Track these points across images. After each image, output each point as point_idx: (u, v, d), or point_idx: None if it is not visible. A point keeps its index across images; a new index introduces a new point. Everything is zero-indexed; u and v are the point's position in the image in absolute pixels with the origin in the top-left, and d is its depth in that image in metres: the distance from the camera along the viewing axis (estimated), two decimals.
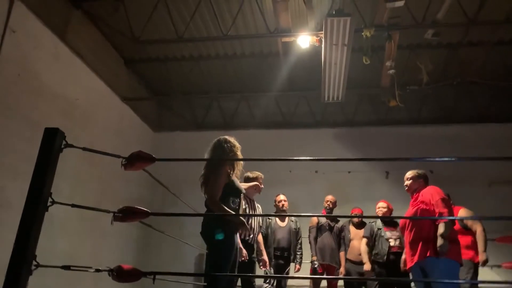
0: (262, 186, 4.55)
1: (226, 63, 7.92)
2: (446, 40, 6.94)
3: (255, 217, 4.50)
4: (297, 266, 5.17)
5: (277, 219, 5.15)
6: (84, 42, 6.38)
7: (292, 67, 7.48)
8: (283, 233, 5.11)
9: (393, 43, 5.82)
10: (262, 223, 4.99)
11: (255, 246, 4.54)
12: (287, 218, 5.25)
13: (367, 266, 5.05)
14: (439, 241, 3.47)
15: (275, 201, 5.26)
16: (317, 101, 7.64)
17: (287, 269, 5.08)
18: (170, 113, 9.01)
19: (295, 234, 5.25)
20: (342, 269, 5.22)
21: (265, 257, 4.74)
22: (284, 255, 5.04)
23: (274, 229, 5.10)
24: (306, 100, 8.57)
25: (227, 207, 3.25)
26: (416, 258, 3.63)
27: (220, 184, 3.26)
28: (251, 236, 4.37)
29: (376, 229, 5.13)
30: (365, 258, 5.12)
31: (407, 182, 4.00)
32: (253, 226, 4.47)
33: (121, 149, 2.61)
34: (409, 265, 3.76)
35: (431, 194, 3.73)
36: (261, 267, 4.73)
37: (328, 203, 5.55)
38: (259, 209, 4.72)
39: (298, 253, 5.21)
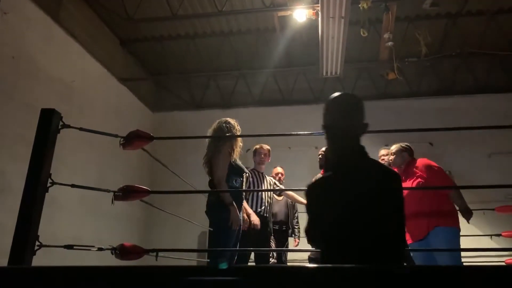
0: (269, 160, 4.74)
1: (222, 40, 7.82)
2: (445, 10, 6.83)
3: (265, 189, 4.59)
4: (296, 240, 5.19)
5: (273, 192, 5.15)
6: (78, 22, 6.28)
7: (289, 43, 7.39)
8: (280, 206, 5.08)
9: (390, 14, 5.74)
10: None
11: (269, 218, 4.59)
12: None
13: None
14: (463, 212, 3.58)
15: (272, 173, 5.24)
16: (316, 77, 7.58)
17: (286, 243, 5.10)
18: (168, 93, 8.94)
19: (292, 207, 5.25)
20: None
21: (253, 217, 4.37)
22: (282, 229, 5.04)
23: (272, 203, 5.10)
24: (304, 76, 8.50)
25: (230, 187, 3.35)
26: (423, 232, 3.63)
27: (224, 166, 3.36)
28: (263, 208, 4.45)
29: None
30: None
31: (392, 157, 4.02)
32: (263, 198, 4.53)
33: (121, 131, 2.60)
34: (414, 239, 3.74)
35: (428, 166, 3.75)
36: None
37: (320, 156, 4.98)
38: (267, 179, 4.79)
39: (296, 227, 5.23)
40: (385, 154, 4.70)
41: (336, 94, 1.87)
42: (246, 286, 0.88)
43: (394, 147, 4.02)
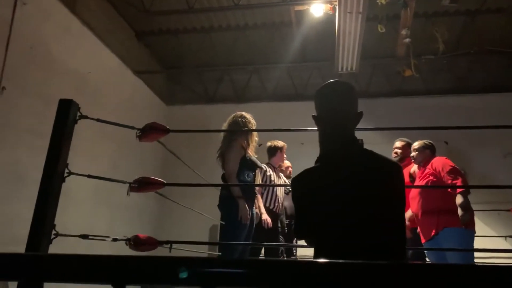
0: (285, 156, 4.84)
1: (237, 34, 7.81)
2: (464, 7, 6.72)
3: (279, 185, 4.64)
4: None
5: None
6: (95, 14, 6.32)
7: (305, 38, 7.35)
8: (289, 201, 5.06)
9: (409, 10, 5.66)
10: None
11: (281, 213, 4.70)
12: None
13: None
14: (460, 211, 3.44)
15: (281, 166, 5.25)
16: (330, 73, 7.52)
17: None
18: (182, 87, 8.97)
19: None
20: None
21: (264, 216, 4.38)
22: (291, 223, 5.02)
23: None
24: (319, 71, 8.44)
25: (241, 181, 3.35)
26: (432, 232, 3.60)
27: (236, 159, 3.36)
28: (276, 204, 4.49)
29: None
30: None
31: (414, 153, 3.96)
32: (277, 194, 4.57)
33: (134, 123, 2.61)
34: (425, 239, 3.72)
35: (443, 164, 3.69)
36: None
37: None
38: (282, 178, 4.90)
39: None
40: (399, 146, 4.57)
41: (327, 82, 1.75)
42: (255, 279, 0.88)
43: (416, 144, 3.97)
